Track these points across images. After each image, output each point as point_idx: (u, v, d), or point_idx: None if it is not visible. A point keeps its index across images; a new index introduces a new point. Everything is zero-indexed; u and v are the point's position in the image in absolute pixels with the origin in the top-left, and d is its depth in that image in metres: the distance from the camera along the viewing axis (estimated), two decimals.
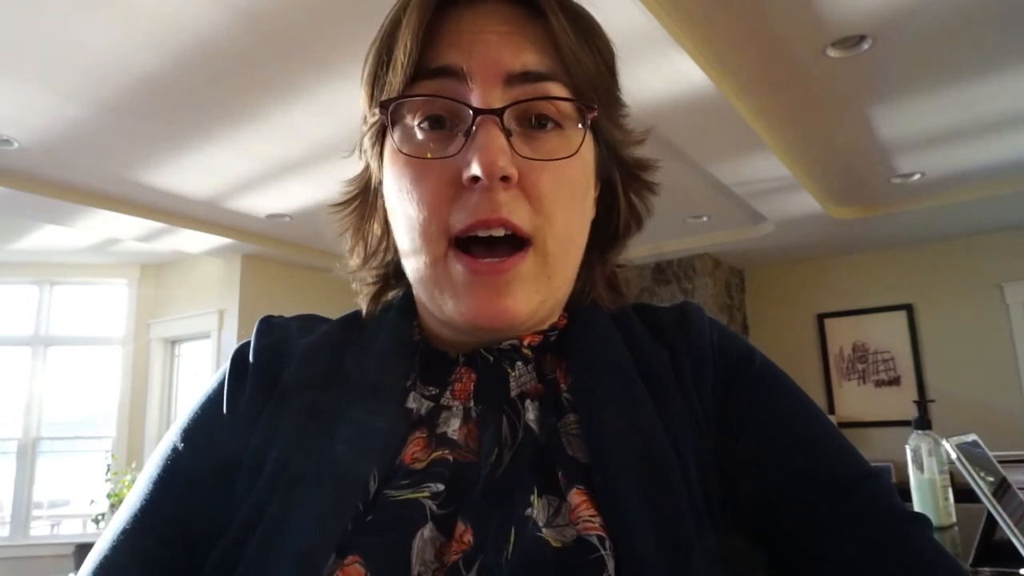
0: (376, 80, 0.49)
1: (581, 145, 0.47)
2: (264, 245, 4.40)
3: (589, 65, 0.47)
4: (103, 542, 0.47)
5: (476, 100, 0.44)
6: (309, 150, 3.04)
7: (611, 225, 0.54)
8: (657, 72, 2.33)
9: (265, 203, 3.76)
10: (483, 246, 0.45)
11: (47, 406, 5.04)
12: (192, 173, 3.29)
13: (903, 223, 4.35)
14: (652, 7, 2.02)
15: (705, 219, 4.29)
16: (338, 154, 2.84)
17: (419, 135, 0.46)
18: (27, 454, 4.89)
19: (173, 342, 5.23)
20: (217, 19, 2.08)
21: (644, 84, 2.40)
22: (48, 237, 4.48)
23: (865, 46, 2.36)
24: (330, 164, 3.17)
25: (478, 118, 0.44)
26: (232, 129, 2.84)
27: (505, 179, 0.43)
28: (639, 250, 4.41)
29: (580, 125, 0.47)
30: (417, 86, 0.46)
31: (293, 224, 4.09)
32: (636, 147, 0.54)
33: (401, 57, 0.45)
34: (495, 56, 0.45)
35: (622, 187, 0.54)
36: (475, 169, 0.43)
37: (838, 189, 3.91)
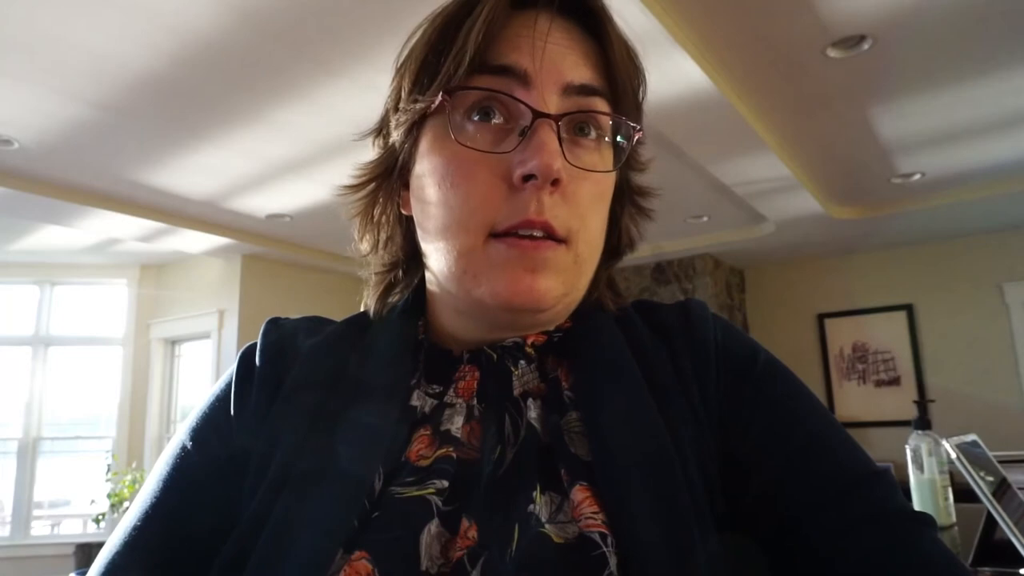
0: (426, 67, 0.49)
1: (620, 162, 0.50)
2: (264, 245, 4.40)
3: (634, 89, 0.51)
4: (113, 540, 0.48)
5: (534, 103, 0.46)
6: (309, 150, 3.04)
7: (611, 241, 0.55)
8: (658, 72, 2.33)
9: (265, 203, 3.76)
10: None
11: (47, 406, 5.04)
12: (192, 173, 3.29)
13: (903, 223, 4.35)
14: (653, 7, 2.02)
15: (705, 219, 4.29)
16: (338, 154, 2.84)
17: (469, 127, 0.47)
18: (27, 454, 4.89)
19: (173, 342, 5.23)
20: (217, 19, 2.08)
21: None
22: (48, 237, 4.48)
23: (865, 46, 2.36)
24: (330, 164, 3.17)
25: (537, 120, 0.45)
26: (232, 129, 2.84)
27: (555, 182, 0.45)
28: (639, 250, 4.38)
29: (609, 140, 0.49)
30: (476, 79, 0.46)
31: (293, 224, 4.09)
32: (641, 174, 0.56)
33: (469, 48, 0.46)
34: (557, 65, 0.47)
35: (623, 210, 0.56)
36: (532, 168, 0.44)
37: (838, 189, 3.92)
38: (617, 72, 0.49)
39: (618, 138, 0.50)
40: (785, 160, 3.24)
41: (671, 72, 2.34)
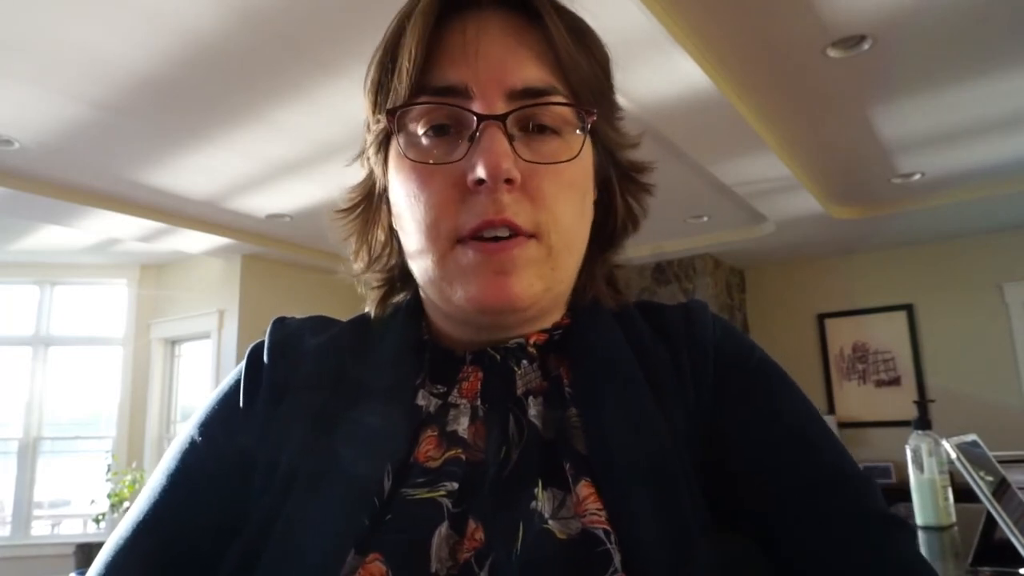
0: (380, 88, 0.50)
1: (581, 149, 0.48)
2: (264, 245, 4.40)
3: (586, 70, 0.49)
4: (118, 533, 0.48)
5: (479, 108, 0.46)
6: (309, 150, 3.04)
7: (608, 227, 0.55)
8: (658, 72, 2.33)
9: (265, 203, 3.76)
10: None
11: (47, 406, 5.03)
12: (192, 173, 3.29)
13: (903, 223, 4.35)
14: (653, 7, 2.02)
15: (705, 219, 4.29)
16: (338, 154, 2.85)
17: (424, 142, 0.47)
18: (27, 454, 4.89)
19: (173, 342, 5.23)
20: (217, 19, 2.08)
21: (645, 84, 2.40)
22: (48, 237, 4.48)
23: (865, 46, 2.36)
24: (330, 164, 3.17)
25: (482, 123, 0.45)
26: (232, 129, 2.84)
27: (508, 181, 0.44)
28: (639, 250, 4.40)
29: (578, 130, 0.48)
30: (420, 98, 0.47)
31: (293, 224, 4.09)
32: (632, 150, 0.55)
33: (407, 65, 0.46)
34: (497, 72, 0.46)
35: (619, 189, 0.55)
36: (480, 172, 0.44)
37: (839, 189, 3.92)
38: (562, 57, 0.47)
39: (583, 125, 0.48)
40: (785, 160, 3.24)
41: (671, 72, 2.33)
